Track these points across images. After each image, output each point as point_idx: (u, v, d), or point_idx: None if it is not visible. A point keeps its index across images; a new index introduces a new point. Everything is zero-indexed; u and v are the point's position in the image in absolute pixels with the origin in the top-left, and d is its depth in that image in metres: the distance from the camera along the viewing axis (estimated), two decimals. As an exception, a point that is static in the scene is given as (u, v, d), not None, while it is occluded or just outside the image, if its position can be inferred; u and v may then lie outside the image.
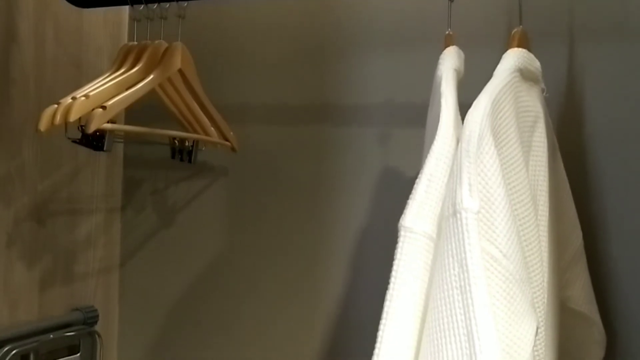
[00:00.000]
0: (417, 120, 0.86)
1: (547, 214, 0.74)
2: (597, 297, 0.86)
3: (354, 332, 1.03)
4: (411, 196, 0.60)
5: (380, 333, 0.57)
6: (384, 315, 0.57)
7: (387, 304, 0.57)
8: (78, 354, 1.07)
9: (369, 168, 1.04)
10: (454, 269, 0.55)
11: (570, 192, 0.85)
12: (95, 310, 1.13)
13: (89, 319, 1.11)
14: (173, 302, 1.16)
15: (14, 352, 0.94)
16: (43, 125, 0.76)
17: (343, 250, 1.05)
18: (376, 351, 0.56)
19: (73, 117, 0.75)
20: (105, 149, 0.83)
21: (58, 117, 0.75)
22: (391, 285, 0.58)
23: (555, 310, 0.78)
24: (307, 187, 1.08)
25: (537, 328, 0.62)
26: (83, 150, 1.11)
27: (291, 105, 1.10)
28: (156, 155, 1.17)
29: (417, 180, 0.61)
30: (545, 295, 0.70)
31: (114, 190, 1.20)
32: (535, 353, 0.67)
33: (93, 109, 0.77)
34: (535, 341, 0.61)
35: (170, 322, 1.16)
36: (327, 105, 1.07)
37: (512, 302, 0.59)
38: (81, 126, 0.80)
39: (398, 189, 1.00)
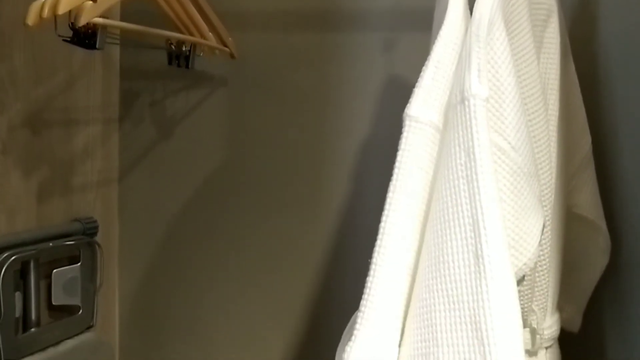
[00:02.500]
0: (424, 25, 0.82)
1: (557, 113, 0.72)
2: (604, 204, 0.85)
3: (359, 239, 1.03)
4: (417, 84, 0.57)
5: (382, 225, 0.55)
6: (387, 206, 0.55)
7: (389, 195, 0.55)
8: (79, 264, 1.07)
9: (374, 75, 1.00)
10: (460, 158, 0.53)
11: (580, 96, 0.82)
12: (95, 221, 1.12)
13: (89, 230, 1.10)
14: (173, 214, 1.15)
15: (13, 258, 0.93)
16: (31, 19, 0.72)
17: (347, 160, 1.03)
18: (378, 242, 0.55)
19: (62, 10, 0.71)
20: (97, 46, 0.79)
21: (46, 10, 0.71)
22: (394, 177, 0.56)
23: (561, 215, 0.76)
24: (310, 96, 1.05)
25: (544, 226, 0.61)
26: (77, 58, 1.08)
27: (293, 11, 1.05)
28: (153, 64, 1.13)
29: (424, 67, 0.58)
30: (552, 196, 0.69)
31: (111, 101, 1.17)
32: (540, 252, 0.66)
33: (83, 2, 0.73)
34: (540, 239, 0.60)
35: (171, 234, 1.16)
36: (330, 10, 1.02)
37: (519, 196, 0.57)
38: (71, 23, 0.76)
39: (404, 96, 0.97)
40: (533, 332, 0.68)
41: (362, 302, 0.54)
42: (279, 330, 1.08)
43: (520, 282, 0.60)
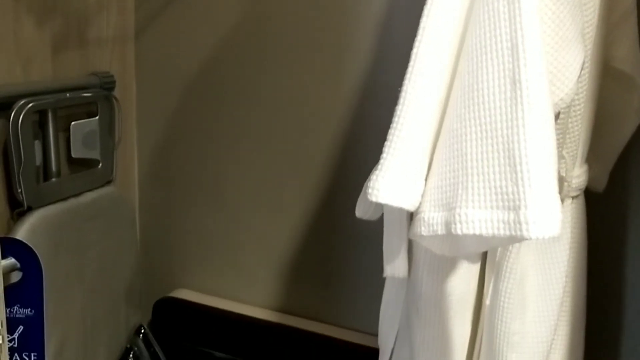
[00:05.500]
0: None
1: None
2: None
3: (384, 92, 1.00)
4: None
5: (414, 50, 0.52)
6: (420, 32, 0.52)
7: (423, 19, 0.52)
8: (97, 117, 1.05)
9: None
10: (500, -22, 0.49)
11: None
12: (112, 76, 1.10)
13: (106, 84, 1.08)
14: (191, 71, 1.12)
15: (30, 105, 0.91)
16: None
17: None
18: (409, 69, 0.52)
19: None
20: None
21: None
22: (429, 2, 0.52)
23: (599, 66, 0.73)
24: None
25: (584, 63, 0.57)
26: None
27: None
28: None
29: None
30: (594, 37, 0.65)
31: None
32: (576, 96, 0.63)
33: None
34: (580, 75, 0.57)
35: (189, 91, 1.13)
36: None
37: (560, 26, 0.53)
38: None
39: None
40: (561, 180, 0.66)
41: (390, 132, 0.52)
42: (300, 191, 1.08)
43: (554, 119, 0.57)
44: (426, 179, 0.54)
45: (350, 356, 1.03)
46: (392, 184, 0.51)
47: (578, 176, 0.68)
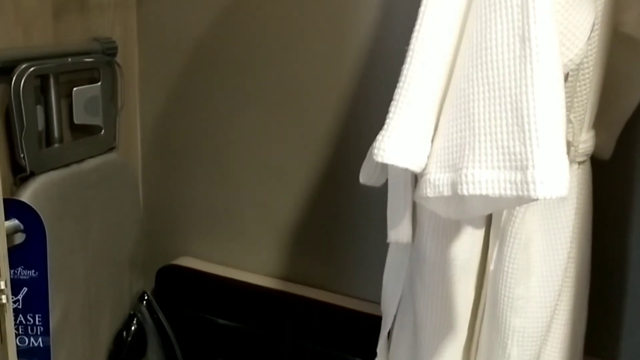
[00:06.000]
0: None
1: None
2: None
3: (391, 57, 0.99)
4: None
5: (422, 9, 0.51)
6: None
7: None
8: (99, 83, 1.04)
9: None
10: None
11: None
12: (114, 41, 1.09)
13: (108, 50, 1.07)
14: (193, 37, 1.11)
15: (31, 69, 0.91)
16: None
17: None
18: (417, 27, 0.51)
19: None
20: None
21: None
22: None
23: (608, 30, 0.71)
24: None
25: (594, 23, 0.57)
26: None
27: None
28: None
29: None
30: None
31: None
32: (585, 58, 0.63)
33: None
34: (590, 36, 0.56)
35: (191, 59, 1.12)
36: None
37: (572, -16, 0.52)
38: None
39: None
40: (568, 145, 0.65)
41: (396, 91, 0.52)
42: (303, 158, 1.07)
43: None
44: (432, 141, 0.53)
45: (353, 324, 1.04)
46: (398, 145, 0.51)
47: (585, 141, 0.67)
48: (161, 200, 1.21)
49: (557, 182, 0.45)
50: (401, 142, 0.51)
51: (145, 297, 1.16)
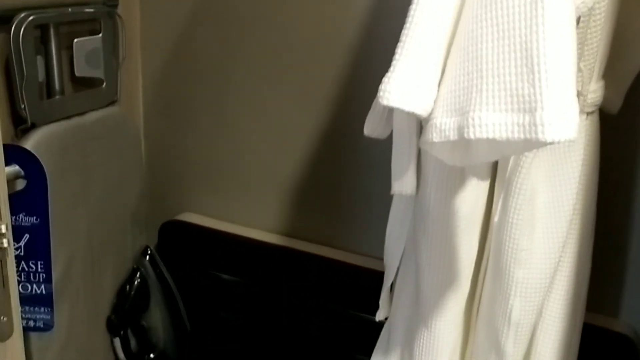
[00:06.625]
0: None
1: None
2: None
3: (394, 21, 0.97)
4: None
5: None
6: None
7: None
8: (100, 35, 1.03)
9: None
10: None
11: None
12: (115, -8, 1.07)
13: (109, 1, 1.05)
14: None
15: (30, 18, 0.89)
16: None
17: None
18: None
19: None
20: None
21: None
22: None
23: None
24: None
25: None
26: None
27: None
28: None
29: None
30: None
31: None
32: (597, 3, 0.61)
33: None
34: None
35: (193, 10, 1.10)
36: None
37: None
38: None
39: None
40: (577, 94, 0.64)
41: (403, 32, 0.50)
42: (308, 114, 1.06)
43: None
44: (439, 85, 0.52)
45: (356, 279, 1.04)
46: (404, 87, 0.50)
47: (594, 91, 0.66)
48: (164, 155, 1.20)
49: (566, 125, 0.43)
50: (407, 85, 0.50)
51: (148, 252, 1.16)
